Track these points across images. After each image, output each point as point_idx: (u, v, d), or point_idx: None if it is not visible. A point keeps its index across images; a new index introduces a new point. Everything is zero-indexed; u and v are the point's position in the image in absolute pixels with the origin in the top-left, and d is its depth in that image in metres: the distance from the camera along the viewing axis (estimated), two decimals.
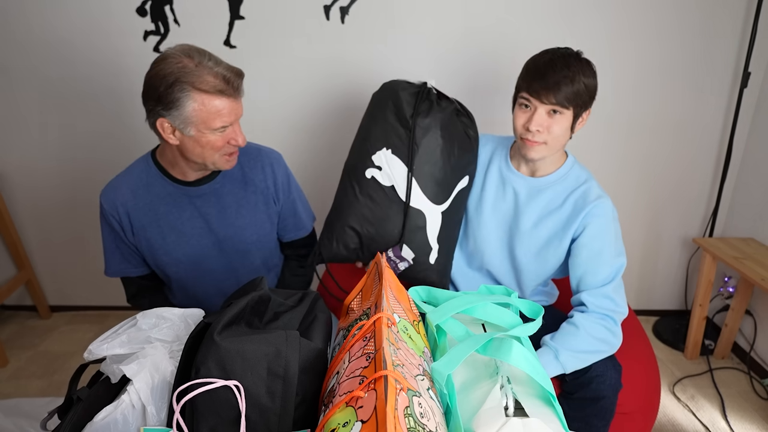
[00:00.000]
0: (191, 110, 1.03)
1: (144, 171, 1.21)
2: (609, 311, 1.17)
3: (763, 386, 1.88)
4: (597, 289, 1.17)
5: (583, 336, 1.14)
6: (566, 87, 1.07)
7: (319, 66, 1.93)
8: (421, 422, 0.55)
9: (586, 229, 1.18)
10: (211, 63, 1.04)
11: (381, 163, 1.23)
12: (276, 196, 1.29)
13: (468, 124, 1.27)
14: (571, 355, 1.13)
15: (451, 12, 1.86)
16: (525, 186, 1.26)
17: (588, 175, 1.24)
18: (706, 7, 1.85)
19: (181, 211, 1.21)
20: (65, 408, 0.73)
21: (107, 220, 1.22)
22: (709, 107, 2.01)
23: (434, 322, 0.83)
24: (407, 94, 1.22)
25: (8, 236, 2.12)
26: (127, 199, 1.19)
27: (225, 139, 1.10)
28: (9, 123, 2.02)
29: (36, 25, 1.87)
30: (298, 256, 1.44)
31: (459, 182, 1.25)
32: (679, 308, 2.36)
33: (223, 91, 1.03)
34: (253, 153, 1.27)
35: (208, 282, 1.30)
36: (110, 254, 1.27)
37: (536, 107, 1.11)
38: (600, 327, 1.15)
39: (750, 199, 2.02)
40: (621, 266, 1.19)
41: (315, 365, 0.73)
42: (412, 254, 1.25)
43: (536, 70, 1.11)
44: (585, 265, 1.19)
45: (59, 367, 1.99)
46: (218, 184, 1.23)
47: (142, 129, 2.02)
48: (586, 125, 2.02)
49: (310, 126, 2.03)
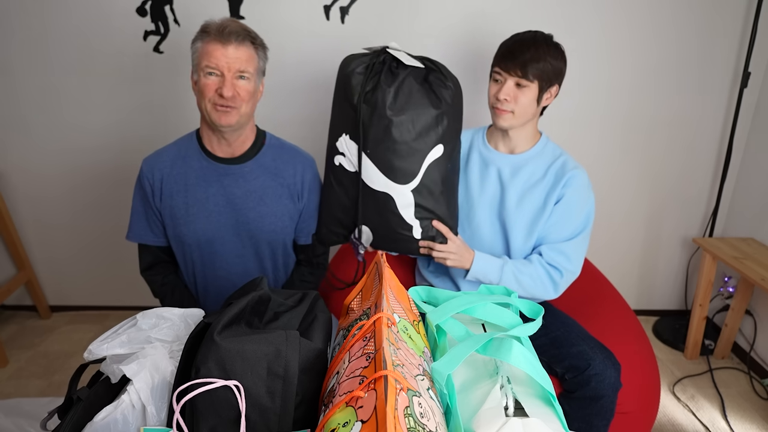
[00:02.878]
0: (195, 50, 1.18)
1: (185, 144, 1.31)
2: (559, 265, 1.28)
3: (763, 386, 1.88)
4: (555, 243, 1.29)
5: (531, 270, 1.27)
6: (531, 63, 1.21)
7: (319, 66, 1.93)
8: (421, 422, 0.55)
9: (564, 196, 1.28)
10: (228, 20, 1.18)
11: (343, 149, 1.24)
12: (300, 194, 1.33)
13: (441, 79, 1.18)
14: (514, 274, 1.26)
15: (451, 12, 1.86)
16: (507, 163, 1.34)
17: (562, 150, 1.36)
18: (706, 7, 1.86)
19: (208, 185, 1.27)
20: (65, 408, 0.73)
21: (141, 183, 1.30)
22: (709, 107, 2.01)
23: (434, 322, 0.83)
24: (357, 72, 1.18)
25: (8, 236, 2.12)
26: (164, 166, 1.28)
27: (215, 85, 1.17)
28: (9, 123, 2.02)
29: (36, 24, 1.87)
30: (309, 262, 1.44)
31: (428, 154, 1.19)
32: (679, 308, 2.36)
33: (218, 36, 1.14)
34: (290, 150, 1.35)
35: (217, 263, 1.33)
36: (136, 218, 1.34)
37: (506, 79, 1.24)
38: (545, 273, 1.28)
39: (750, 199, 2.02)
40: (585, 229, 1.30)
41: (315, 365, 0.73)
42: (371, 237, 1.29)
43: (506, 48, 1.26)
44: (553, 225, 1.29)
45: (59, 367, 1.99)
46: (248, 168, 1.28)
47: (142, 129, 2.02)
48: (585, 125, 2.02)
49: (310, 126, 2.02)
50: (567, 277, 1.28)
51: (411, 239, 1.27)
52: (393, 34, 1.88)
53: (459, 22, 1.87)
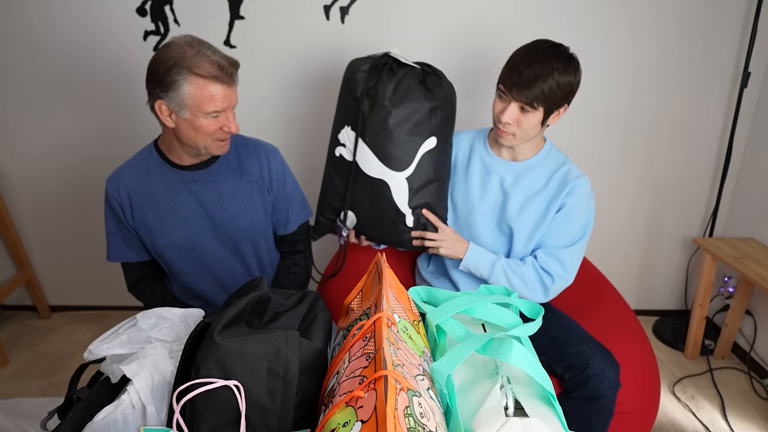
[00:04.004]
0: (186, 93, 1.09)
1: (146, 157, 1.27)
2: (553, 271, 1.27)
3: (763, 386, 1.88)
4: (552, 249, 1.28)
5: (523, 271, 1.27)
6: (537, 87, 1.12)
7: (319, 66, 1.93)
8: (421, 422, 0.55)
9: (566, 204, 1.26)
10: (209, 52, 1.10)
11: (344, 140, 1.31)
12: (270, 186, 1.33)
13: (437, 81, 1.27)
14: (505, 271, 1.26)
15: (452, 12, 1.86)
16: (509, 170, 1.32)
17: (566, 158, 1.32)
18: (706, 7, 1.85)
19: (178, 194, 1.26)
20: (65, 408, 0.73)
21: (110, 203, 1.27)
22: (709, 107, 2.01)
23: (434, 322, 0.83)
24: (362, 70, 1.28)
25: (8, 236, 2.12)
26: (129, 183, 1.25)
27: (218, 124, 1.14)
28: (9, 123, 2.02)
29: (37, 24, 1.87)
30: (292, 252, 1.45)
31: (422, 145, 1.27)
32: (679, 308, 2.36)
33: (218, 77, 1.09)
34: (250, 145, 1.33)
35: (202, 269, 1.33)
36: (112, 239, 1.32)
37: (510, 101, 1.18)
38: (537, 277, 1.27)
39: (750, 199, 2.02)
40: (582, 237, 1.28)
41: (315, 365, 0.73)
42: (355, 220, 1.35)
43: (513, 66, 1.16)
44: (552, 231, 1.28)
45: (59, 367, 1.99)
46: (214, 171, 1.27)
47: (143, 129, 2.02)
48: (585, 125, 2.02)
49: (310, 125, 2.03)
50: (559, 283, 1.28)
51: (403, 229, 1.33)
52: (393, 34, 1.88)
53: (460, 22, 1.87)
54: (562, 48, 1.15)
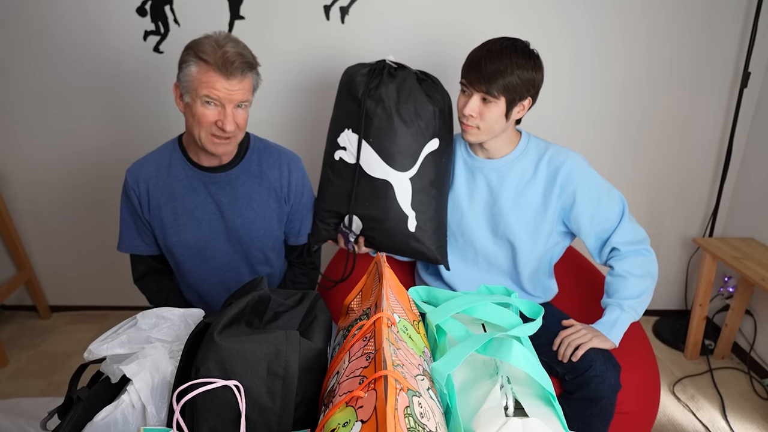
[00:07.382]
0: (189, 74, 1.11)
1: (169, 153, 1.28)
2: (638, 244, 1.25)
3: (763, 386, 1.88)
4: (618, 226, 1.25)
5: (632, 282, 1.22)
6: (497, 77, 1.14)
7: (320, 66, 1.93)
8: (421, 422, 0.55)
9: (576, 193, 1.24)
10: (224, 41, 1.11)
11: (345, 143, 1.31)
12: (287, 197, 1.33)
13: (432, 86, 1.29)
14: (633, 302, 1.21)
15: (452, 12, 1.86)
16: (493, 169, 1.31)
17: (546, 143, 1.31)
18: (706, 7, 1.85)
19: (195, 194, 1.26)
20: (65, 408, 0.73)
21: (128, 194, 1.27)
22: (709, 107, 2.01)
23: (434, 322, 0.83)
24: (361, 74, 1.29)
25: (8, 236, 2.12)
26: (149, 176, 1.26)
27: (213, 116, 1.13)
28: (9, 123, 2.02)
29: (36, 24, 1.87)
30: (301, 263, 1.45)
31: (426, 145, 1.28)
32: (679, 308, 2.36)
33: (219, 66, 1.09)
34: (273, 152, 1.33)
35: (211, 271, 1.33)
36: (126, 229, 1.32)
37: (471, 93, 1.19)
38: (639, 266, 1.23)
39: (750, 199, 2.02)
40: (620, 197, 1.27)
41: (315, 365, 0.73)
42: (361, 225, 1.34)
43: (472, 59, 1.18)
44: (594, 219, 1.26)
45: (59, 367, 1.99)
46: (234, 175, 1.27)
47: (143, 129, 2.02)
48: (586, 125, 2.02)
49: (309, 126, 2.03)
50: (649, 246, 1.27)
51: (406, 233, 1.32)
52: (393, 34, 1.88)
53: (460, 22, 1.87)
54: (519, 42, 1.18)
